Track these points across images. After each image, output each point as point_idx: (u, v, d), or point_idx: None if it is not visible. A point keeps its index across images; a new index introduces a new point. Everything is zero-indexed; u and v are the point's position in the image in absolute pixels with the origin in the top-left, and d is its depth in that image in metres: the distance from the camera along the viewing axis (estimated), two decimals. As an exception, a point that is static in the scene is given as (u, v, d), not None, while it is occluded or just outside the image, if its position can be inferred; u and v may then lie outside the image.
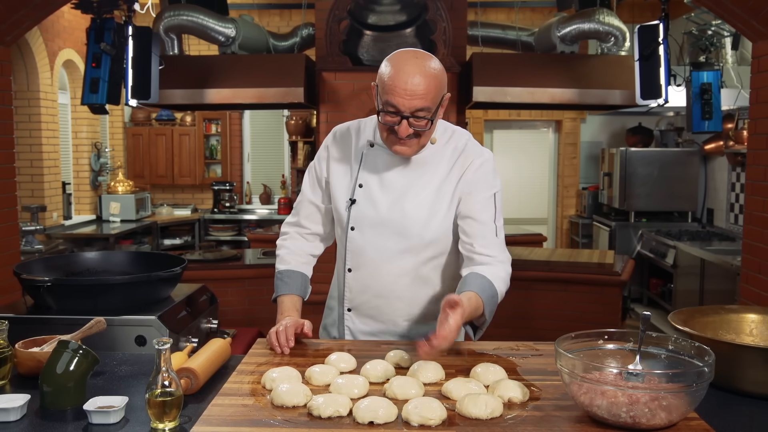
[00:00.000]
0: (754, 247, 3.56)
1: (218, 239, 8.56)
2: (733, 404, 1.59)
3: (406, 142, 1.90)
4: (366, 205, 2.03)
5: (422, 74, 1.82)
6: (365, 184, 2.04)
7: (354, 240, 2.05)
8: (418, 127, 1.88)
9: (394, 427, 1.40)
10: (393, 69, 1.84)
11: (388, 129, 1.90)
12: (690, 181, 7.58)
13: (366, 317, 2.12)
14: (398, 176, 2.02)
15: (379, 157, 2.05)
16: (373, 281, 2.05)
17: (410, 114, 1.84)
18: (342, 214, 2.07)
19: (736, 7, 3.36)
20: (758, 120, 3.56)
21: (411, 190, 2.01)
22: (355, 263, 2.06)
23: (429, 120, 1.87)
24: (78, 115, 7.74)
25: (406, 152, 1.95)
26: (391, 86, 1.82)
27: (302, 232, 2.20)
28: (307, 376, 1.66)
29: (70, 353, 1.58)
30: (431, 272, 2.06)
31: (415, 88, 1.81)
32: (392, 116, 1.86)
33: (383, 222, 2.01)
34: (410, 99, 1.81)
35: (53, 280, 2.18)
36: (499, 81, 4.82)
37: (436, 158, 2.03)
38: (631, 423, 1.35)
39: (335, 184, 2.10)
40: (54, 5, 3.72)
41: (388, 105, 1.85)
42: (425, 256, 2.03)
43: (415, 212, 2.00)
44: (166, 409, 1.42)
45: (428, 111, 1.85)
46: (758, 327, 1.86)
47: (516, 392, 1.53)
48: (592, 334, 1.59)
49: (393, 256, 2.02)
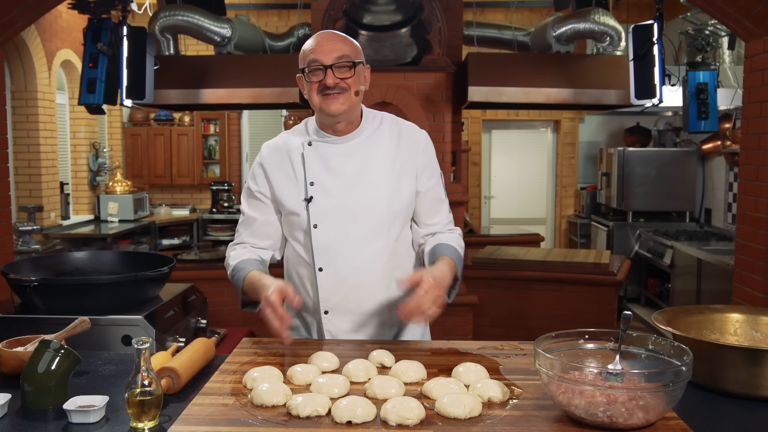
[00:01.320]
0: (747, 246, 3.56)
1: (217, 239, 8.56)
2: (714, 404, 1.59)
3: (337, 97, 1.98)
4: (323, 199, 2.04)
5: (337, 34, 2.03)
6: (316, 180, 2.05)
7: (319, 237, 2.04)
8: (344, 76, 1.97)
9: (372, 426, 1.40)
10: (312, 39, 2.02)
11: (318, 88, 1.98)
12: (688, 181, 7.58)
13: (346, 314, 2.09)
14: (346, 164, 2.06)
15: (321, 153, 2.07)
16: (349, 273, 2.04)
17: (333, 62, 1.96)
18: (300, 215, 2.06)
19: (728, 6, 3.35)
20: (750, 119, 3.56)
21: (364, 173, 2.06)
22: (325, 260, 2.05)
23: (351, 67, 1.98)
24: (76, 115, 7.75)
25: (339, 108, 2.00)
26: (310, 48, 1.99)
27: (247, 246, 2.17)
28: (289, 376, 1.66)
29: (51, 353, 1.58)
30: (401, 247, 2.12)
31: (332, 42, 1.98)
32: (317, 73, 1.98)
33: (346, 211, 2.04)
34: (330, 51, 1.96)
35: (40, 279, 2.18)
36: (494, 81, 4.82)
37: (376, 139, 2.10)
38: (608, 423, 1.35)
39: (282, 192, 2.08)
40: (47, 5, 3.72)
41: (312, 63, 1.98)
42: (394, 233, 2.08)
43: (376, 192, 2.04)
44: (146, 409, 1.43)
45: (348, 58, 1.98)
46: (742, 327, 1.86)
47: (496, 392, 1.53)
48: (572, 334, 1.59)
49: (365, 241, 2.04)
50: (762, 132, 3.44)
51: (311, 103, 2.04)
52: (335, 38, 2.00)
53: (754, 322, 1.85)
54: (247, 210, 2.17)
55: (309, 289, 2.11)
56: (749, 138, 3.58)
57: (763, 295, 3.37)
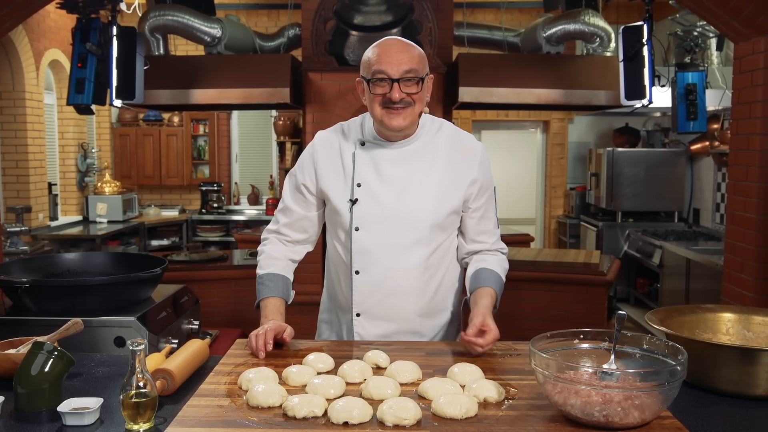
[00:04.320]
0: (736, 246, 3.58)
1: (206, 240, 8.53)
2: (707, 403, 1.60)
3: (400, 111, 1.95)
4: (369, 203, 2.03)
5: (404, 44, 1.96)
6: (363, 182, 2.03)
7: (360, 240, 2.03)
8: (410, 91, 1.93)
9: (369, 427, 1.40)
10: (377, 47, 1.96)
11: (381, 101, 1.95)
12: (676, 181, 7.63)
13: (377, 319, 2.08)
14: (396, 169, 2.04)
15: (372, 155, 2.05)
16: (385, 279, 2.04)
17: (400, 77, 1.91)
18: (344, 216, 2.05)
19: (717, 8, 3.37)
20: (740, 120, 3.59)
21: (413, 181, 2.03)
22: (362, 264, 2.04)
23: (418, 82, 1.93)
24: (64, 115, 7.70)
25: (401, 123, 1.97)
26: (378, 57, 1.93)
27: (282, 238, 2.19)
28: (284, 377, 1.66)
29: (45, 355, 1.57)
30: (438, 260, 2.09)
31: (401, 54, 1.92)
32: (383, 84, 1.93)
33: (390, 217, 2.02)
34: (398, 63, 1.91)
35: (31, 281, 2.17)
36: (485, 81, 4.83)
37: (430, 147, 2.06)
38: (604, 422, 1.36)
39: (329, 189, 2.07)
40: (36, 5, 3.69)
41: (377, 73, 1.92)
42: (434, 245, 2.06)
43: (422, 202, 2.02)
44: (141, 411, 1.42)
45: (416, 72, 1.93)
46: (734, 326, 1.87)
47: (491, 392, 1.53)
48: (568, 334, 1.59)
49: (404, 249, 2.02)
50: (751, 132, 3.46)
51: (371, 113, 2.01)
52: (403, 48, 1.94)
53: (746, 322, 1.87)
54: (288, 200, 2.16)
55: (344, 289, 2.12)
56: (738, 138, 3.60)
57: (753, 295, 3.39)
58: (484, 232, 2.13)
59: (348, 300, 2.10)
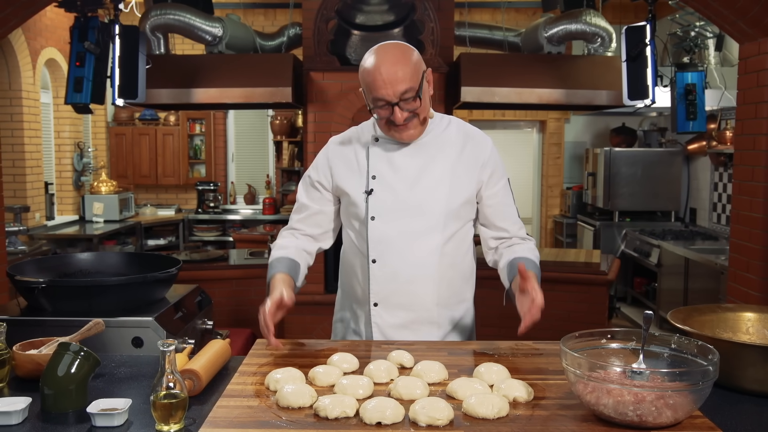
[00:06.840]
0: (742, 246, 3.60)
1: (202, 239, 8.50)
2: (733, 402, 1.61)
3: (407, 125, 2.01)
4: (384, 192, 2.08)
5: (393, 62, 1.94)
6: (378, 174, 2.09)
7: (376, 228, 2.07)
8: (411, 108, 1.98)
9: (402, 427, 1.40)
10: (367, 68, 1.96)
11: (386, 122, 2.01)
12: (673, 181, 7.66)
13: (395, 308, 2.10)
14: (410, 161, 2.09)
15: (386, 149, 2.11)
16: (402, 267, 2.07)
17: (398, 99, 1.95)
18: (360, 207, 2.09)
19: (724, 8, 3.39)
20: (745, 120, 3.61)
21: (426, 171, 2.08)
22: (379, 252, 2.07)
23: (416, 97, 1.97)
24: (60, 114, 7.65)
25: (413, 136, 2.05)
26: (372, 84, 1.95)
27: (295, 233, 2.23)
28: (311, 377, 1.66)
29: (71, 355, 1.56)
30: (454, 249, 2.12)
31: (392, 77, 1.93)
32: (384, 108, 1.98)
33: (404, 206, 2.07)
34: (392, 87, 1.93)
35: (48, 281, 2.15)
36: (487, 81, 4.83)
37: (442, 141, 2.12)
38: (638, 421, 1.36)
39: (345, 184, 2.12)
40: (40, 4, 3.67)
41: (376, 101, 1.97)
42: (449, 232, 2.09)
43: (435, 191, 2.07)
44: (172, 411, 1.41)
45: (413, 90, 1.96)
46: (755, 325, 1.88)
47: (521, 392, 1.53)
48: (596, 333, 1.60)
49: (420, 236, 2.06)
50: (757, 133, 3.48)
51: (381, 129, 2.07)
52: (395, 67, 1.93)
53: (766, 321, 1.88)
54: (302, 197, 2.22)
55: (361, 279, 2.14)
56: (744, 139, 3.62)
57: (759, 294, 3.41)
58: (506, 219, 2.17)
59: (365, 290, 2.13)
